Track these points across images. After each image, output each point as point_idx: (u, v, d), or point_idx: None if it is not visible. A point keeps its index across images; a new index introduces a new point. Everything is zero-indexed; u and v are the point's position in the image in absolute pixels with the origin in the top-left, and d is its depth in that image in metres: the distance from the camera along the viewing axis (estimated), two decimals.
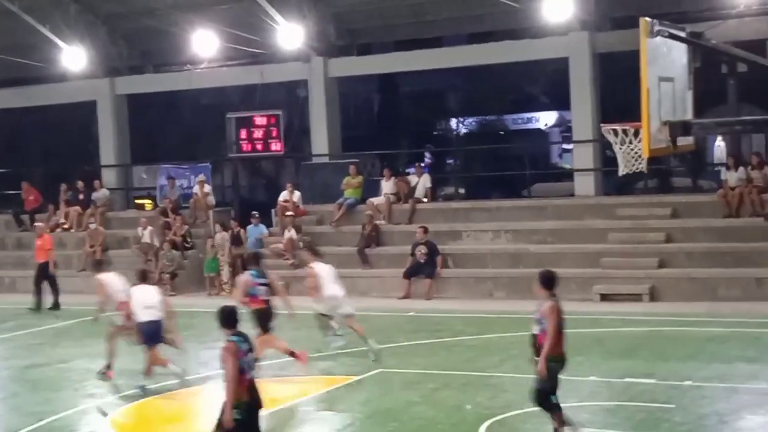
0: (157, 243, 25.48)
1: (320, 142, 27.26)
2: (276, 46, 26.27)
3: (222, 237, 24.71)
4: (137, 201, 30.17)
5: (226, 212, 26.99)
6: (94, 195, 28.23)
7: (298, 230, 24.80)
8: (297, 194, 25.84)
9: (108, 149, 29.69)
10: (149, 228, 25.76)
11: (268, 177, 35.10)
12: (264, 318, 14.77)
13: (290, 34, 25.71)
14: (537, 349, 10.30)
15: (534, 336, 10.36)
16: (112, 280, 15.51)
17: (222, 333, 9.42)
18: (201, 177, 26.92)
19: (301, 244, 23.83)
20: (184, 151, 32.50)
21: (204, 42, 26.63)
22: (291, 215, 25.15)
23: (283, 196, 25.90)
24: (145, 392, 14.11)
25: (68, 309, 22.07)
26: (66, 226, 27.81)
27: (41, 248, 23.44)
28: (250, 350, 9.34)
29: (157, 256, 25.16)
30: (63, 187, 28.56)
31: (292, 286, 23.40)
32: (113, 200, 28.85)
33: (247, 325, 12.51)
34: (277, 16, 25.31)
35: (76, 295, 24.08)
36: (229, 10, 26.86)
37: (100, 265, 16.59)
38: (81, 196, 28.27)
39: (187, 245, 25.72)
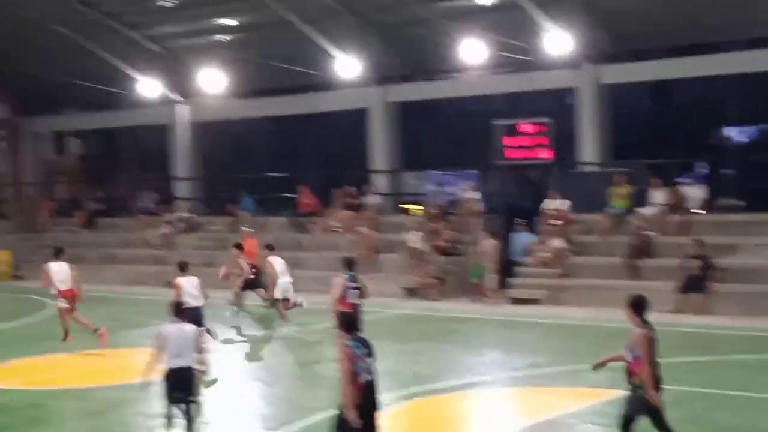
0: (424, 248, 25.89)
1: (588, 150, 26.82)
2: (544, 53, 26.08)
3: (488, 244, 24.79)
4: (406, 206, 30.80)
5: (493, 219, 27.06)
6: (366, 200, 29.08)
7: (565, 239, 24.50)
8: (564, 202, 25.54)
9: (379, 155, 30.48)
10: (417, 233, 26.22)
11: (535, 185, 34.83)
12: (351, 322, 15.06)
13: (559, 41, 25.46)
14: (629, 376, 9.85)
15: (627, 363, 9.87)
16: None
17: (341, 336, 9.69)
18: (468, 183, 27.14)
19: (568, 253, 23.54)
20: (451, 158, 32.86)
21: (472, 50, 26.85)
22: (557, 224, 24.88)
23: (550, 204, 25.67)
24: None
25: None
26: (339, 230, 28.79)
27: (249, 251, 23.99)
28: (369, 355, 9.57)
29: (425, 260, 25.57)
30: (337, 191, 29.62)
31: (561, 297, 23.28)
32: (383, 205, 29.60)
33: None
34: (546, 23, 25.12)
35: None
36: (497, 17, 26.93)
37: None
38: (353, 201, 29.19)
39: (453, 251, 25.99)
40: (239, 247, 21.73)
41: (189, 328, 11.55)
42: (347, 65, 28.65)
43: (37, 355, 18.87)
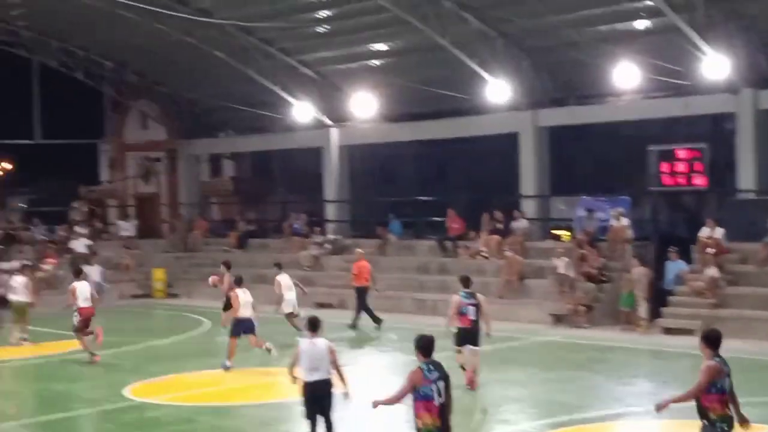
0: (572, 274, 25.49)
1: (746, 176, 25.92)
2: (701, 77, 25.38)
3: (639, 272, 24.20)
4: (554, 232, 30.40)
5: (644, 246, 26.41)
6: (514, 224, 28.85)
7: (720, 268, 23.71)
8: (720, 231, 24.72)
9: (528, 180, 30.19)
10: (565, 259, 25.84)
11: (689, 212, 33.90)
12: (466, 337, 16.40)
13: (717, 65, 24.73)
14: (699, 408, 9.60)
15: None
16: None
17: (417, 358, 9.83)
18: (619, 210, 26.62)
19: (722, 283, 22.78)
20: (601, 184, 32.28)
21: (626, 73, 26.36)
22: (713, 252, 24.10)
23: (705, 232, 24.86)
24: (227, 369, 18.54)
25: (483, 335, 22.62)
26: (485, 254, 28.64)
27: (358, 274, 25.40)
28: (440, 379, 9.63)
29: (573, 287, 25.17)
30: (485, 216, 29.49)
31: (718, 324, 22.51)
32: (531, 230, 29.30)
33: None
34: (704, 46, 24.45)
35: (493, 321, 24.72)
36: (652, 41, 26.37)
37: None
38: (500, 225, 29.01)
39: (603, 278, 25.50)
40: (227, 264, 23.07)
41: (322, 342, 11.83)
42: (498, 89, 28.53)
43: (191, 371, 19.35)
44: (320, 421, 11.94)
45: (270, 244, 35.71)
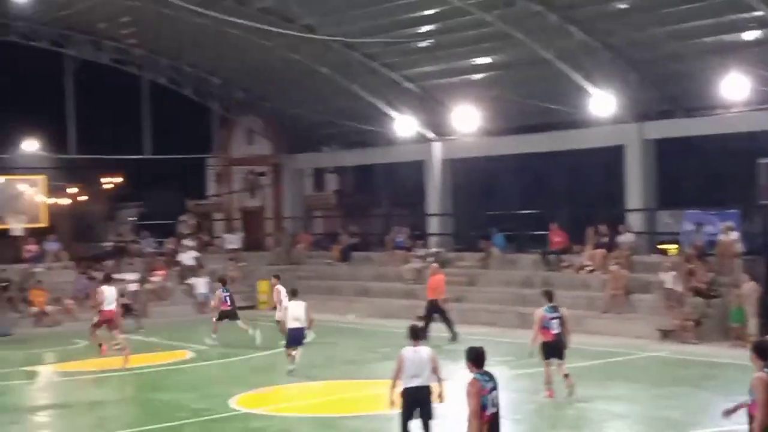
0: (680, 289, 25.00)
1: None
2: None
3: (749, 287, 23.60)
4: (661, 246, 29.86)
5: (755, 261, 25.74)
6: (619, 238, 28.46)
7: None
8: None
9: (634, 193, 29.75)
10: (673, 273, 25.36)
11: None
12: (551, 350, 16.68)
13: None
14: (750, 419, 9.48)
15: (748, 406, 9.57)
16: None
17: (469, 370, 10.09)
18: (728, 223, 26.02)
19: None
20: (709, 197, 31.63)
21: (735, 85, 25.78)
22: None
23: None
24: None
25: (588, 350, 22.40)
26: (590, 268, 28.31)
27: (432, 287, 25.61)
28: (494, 389, 9.91)
29: (681, 302, 24.67)
30: (589, 230, 29.16)
31: None
32: (637, 244, 28.84)
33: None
34: None
35: (598, 336, 24.50)
36: (762, 51, 25.77)
37: None
38: (605, 239, 28.63)
39: (711, 293, 24.94)
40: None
41: (424, 350, 12.23)
42: (602, 102, 28.19)
43: (294, 383, 19.55)
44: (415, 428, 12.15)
45: (373, 257, 35.91)
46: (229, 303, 25.43)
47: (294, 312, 20.26)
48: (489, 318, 28.10)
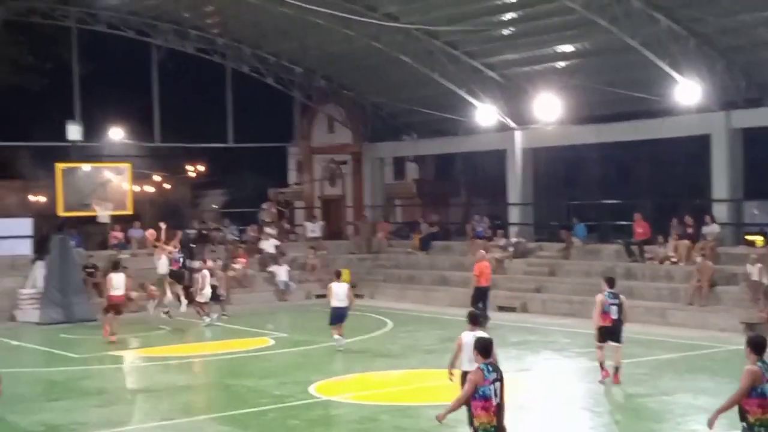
0: (766, 281, 24.46)
1: None
2: None
3: None
4: (747, 237, 29.26)
5: None
6: (704, 229, 27.96)
7: None
8: None
9: (720, 183, 29.15)
10: (759, 265, 24.82)
11: None
12: (608, 333, 17.12)
13: None
14: (742, 415, 9.72)
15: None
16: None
17: (476, 360, 10.24)
18: None
19: None
20: None
21: None
22: None
23: None
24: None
25: (671, 342, 22.05)
26: (674, 260, 27.88)
27: (479, 274, 25.87)
28: (498, 380, 10.00)
29: (766, 294, 24.15)
30: (673, 220, 28.71)
31: None
32: (723, 235, 28.30)
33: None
34: None
35: (681, 328, 24.14)
36: None
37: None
38: (690, 230, 28.16)
39: None
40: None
41: (481, 336, 12.15)
42: (688, 90, 27.66)
43: (374, 371, 19.62)
44: None
45: (452, 246, 35.83)
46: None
47: (337, 292, 21.98)
48: (569, 309, 27.85)
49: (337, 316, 22.08)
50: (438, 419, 10.30)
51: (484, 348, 10.30)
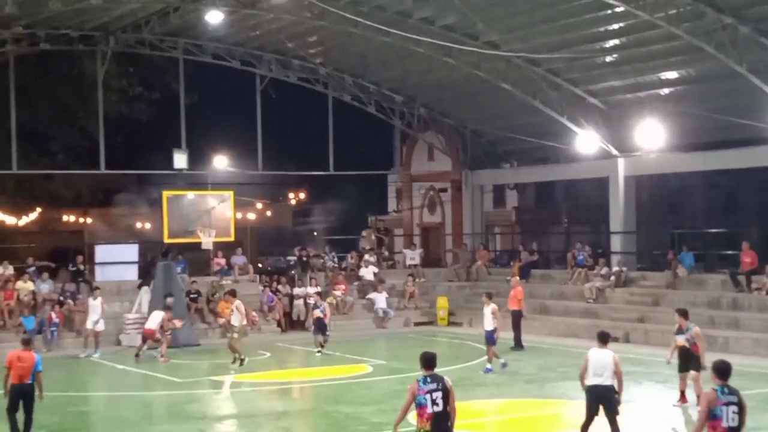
0: None
1: None
2: None
3: None
4: None
5: None
6: None
7: None
8: None
9: None
10: None
11: None
12: (426, 359, 16.97)
13: None
14: None
15: None
16: None
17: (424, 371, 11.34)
18: None
19: None
20: None
21: None
22: None
23: None
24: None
25: None
26: None
27: (513, 298, 27.40)
28: (437, 390, 11.10)
29: None
30: None
31: None
32: None
33: None
34: None
35: None
36: None
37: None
38: None
39: None
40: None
41: (607, 353, 13.82)
42: None
43: (473, 399, 19.48)
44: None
45: (553, 275, 35.46)
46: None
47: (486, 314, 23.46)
48: None
49: (491, 339, 23.33)
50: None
51: (426, 361, 11.50)
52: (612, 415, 13.70)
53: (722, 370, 10.32)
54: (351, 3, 29.23)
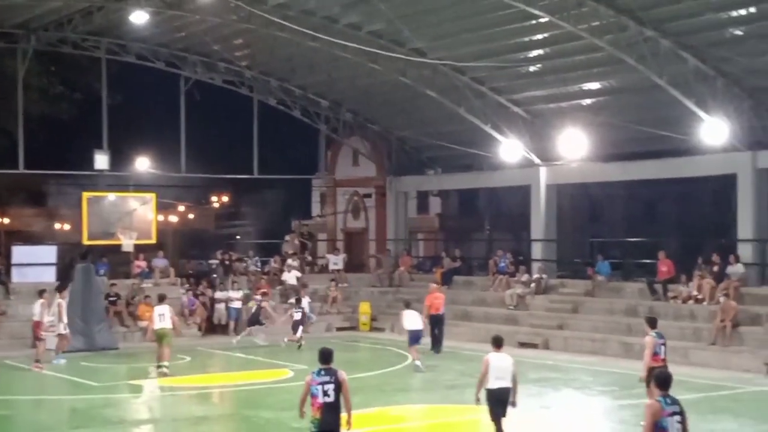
0: None
1: None
2: None
3: None
4: None
5: None
6: (729, 269, 27.77)
7: None
8: None
9: (745, 223, 28.98)
10: None
11: None
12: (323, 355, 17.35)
13: None
14: None
15: None
16: None
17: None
18: None
19: None
20: None
21: None
22: None
23: None
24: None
25: (694, 382, 21.85)
26: (699, 298, 27.70)
27: (431, 304, 27.64)
28: (329, 383, 11.69)
29: None
30: (698, 259, 28.55)
31: None
32: (747, 275, 28.10)
33: None
34: None
35: (704, 368, 23.92)
36: None
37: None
38: (715, 269, 27.99)
39: None
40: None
41: (506, 357, 14.32)
42: (715, 129, 27.57)
43: (394, 405, 19.54)
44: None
45: (474, 281, 35.74)
46: None
47: (411, 320, 24.81)
48: (592, 347, 27.71)
49: (416, 338, 24.69)
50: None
51: (322, 355, 12.02)
52: (503, 415, 14.26)
53: (663, 381, 10.06)
54: (278, 6, 29.14)
